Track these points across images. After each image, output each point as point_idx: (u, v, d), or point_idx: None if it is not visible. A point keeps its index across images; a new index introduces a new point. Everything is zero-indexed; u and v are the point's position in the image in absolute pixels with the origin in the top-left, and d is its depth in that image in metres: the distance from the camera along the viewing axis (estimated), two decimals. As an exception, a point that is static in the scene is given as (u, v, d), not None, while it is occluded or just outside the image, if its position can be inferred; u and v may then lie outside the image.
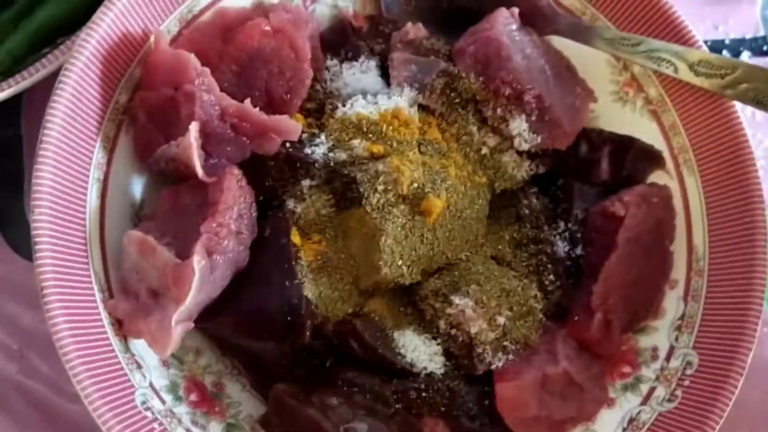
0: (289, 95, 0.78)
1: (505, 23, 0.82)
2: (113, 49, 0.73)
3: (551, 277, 0.80)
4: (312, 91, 0.81)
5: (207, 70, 0.72)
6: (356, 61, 0.83)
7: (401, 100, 0.78)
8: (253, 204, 0.74)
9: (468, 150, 0.80)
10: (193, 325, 0.70)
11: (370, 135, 0.77)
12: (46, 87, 0.73)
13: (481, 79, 0.79)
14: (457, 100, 0.80)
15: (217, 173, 0.72)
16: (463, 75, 0.80)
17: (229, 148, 0.74)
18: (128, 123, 0.76)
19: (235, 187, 0.71)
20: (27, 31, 0.84)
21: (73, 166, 0.71)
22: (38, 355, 0.83)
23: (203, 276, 0.67)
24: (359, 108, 0.78)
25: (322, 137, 0.77)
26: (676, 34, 0.82)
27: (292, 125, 0.74)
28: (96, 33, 0.71)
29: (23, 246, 0.86)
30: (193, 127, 0.70)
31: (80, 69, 0.71)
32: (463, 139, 0.80)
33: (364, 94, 0.80)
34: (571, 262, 0.81)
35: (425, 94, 0.78)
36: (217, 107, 0.72)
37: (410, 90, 0.78)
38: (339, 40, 0.85)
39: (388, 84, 0.81)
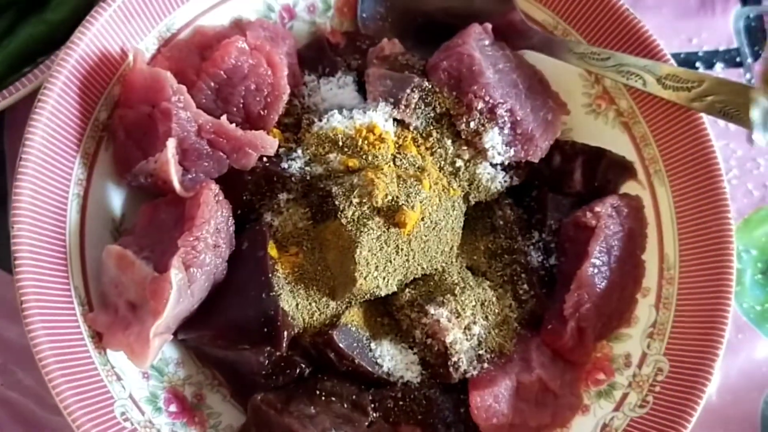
0: (266, 111, 0.80)
1: (477, 38, 0.84)
2: (92, 68, 0.75)
3: (525, 286, 0.81)
4: (290, 106, 0.83)
5: (183, 87, 0.73)
6: (333, 76, 0.85)
7: (376, 115, 0.79)
8: (231, 218, 0.75)
9: (443, 163, 0.82)
10: (171, 336, 0.71)
11: (346, 149, 0.78)
12: (28, 105, 0.74)
13: (454, 93, 0.81)
14: (431, 114, 0.82)
15: (195, 188, 0.74)
16: (437, 89, 0.81)
17: (206, 163, 0.75)
18: (108, 140, 0.77)
19: (212, 202, 0.72)
20: (8, 51, 0.85)
21: (52, 182, 0.72)
22: (21, 368, 0.84)
23: (180, 289, 0.69)
24: (335, 123, 0.79)
25: (299, 152, 0.79)
26: (645, 47, 0.84)
27: (269, 140, 0.76)
28: (75, 52, 0.73)
29: (6, 260, 0.87)
30: (170, 144, 0.71)
31: (59, 87, 0.72)
32: (438, 152, 0.82)
33: (341, 108, 0.82)
34: (544, 272, 0.82)
35: (400, 108, 0.80)
36: (194, 123, 0.74)
37: (385, 104, 0.80)
38: (317, 56, 0.87)
39: (366, 99, 0.83)
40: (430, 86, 0.82)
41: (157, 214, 0.75)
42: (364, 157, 0.78)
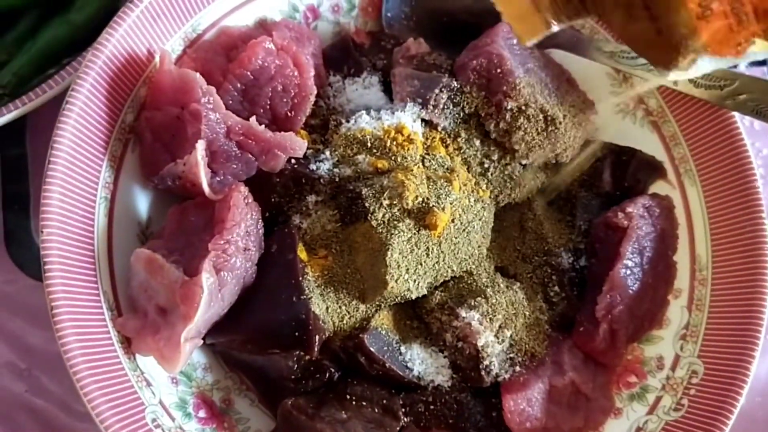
0: (293, 112, 0.79)
1: (505, 37, 0.83)
2: (119, 69, 0.74)
3: (556, 288, 0.80)
4: (316, 107, 0.82)
5: (213, 88, 0.73)
6: (359, 77, 0.84)
7: (404, 116, 0.78)
8: (260, 220, 0.74)
9: (472, 163, 0.81)
10: (201, 341, 0.70)
11: (375, 150, 0.78)
12: (51, 108, 0.74)
13: (483, 93, 0.80)
14: (460, 115, 0.81)
15: (224, 190, 0.73)
16: (466, 89, 0.80)
17: (235, 166, 0.74)
18: (134, 142, 0.76)
19: (241, 204, 0.71)
20: (31, 52, 0.84)
21: (80, 185, 0.71)
22: (46, 374, 0.83)
23: (211, 293, 0.68)
24: (363, 124, 0.78)
25: (327, 153, 0.78)
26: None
27: (297, 142, 0.75)
28: (102, 53, 0.72)
29: (30, 265, 0.86)
30: (200, 146, 0.70)
31: (87, 90, 0.71)
32: (467, 152, 0.81)
33: (368, 109, 0.81)
34: (575, 273, 0.81)
35: (428, 109, 0.79)
36: (223, 125, 0.73)
37: (413, 105, 0.79)
38: (342, 57, 0.86)
39: (391, 99, 0.82)
40: (458, 86, 0.81)
41: (185, 217, 0.74)
42: (392, 158, 0.77)
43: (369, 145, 0.77)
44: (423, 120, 0.80)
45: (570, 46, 0.86)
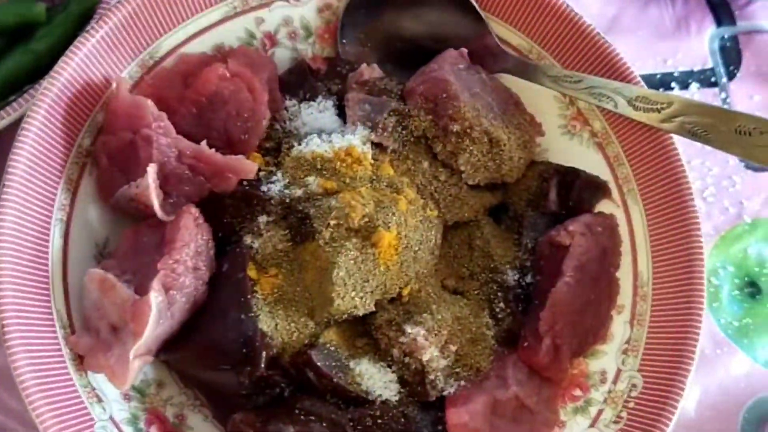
0: (246, 135, 0.82)
1: (453, 63, 0.86)
2: (76, 95, 0.77)
3: (502, 304, 0.83)
4: (271, 130, 0.85)
5: (164, 114, 0.76)
6: (314, 101, 0.87)
7: (354, 138, 0.81)
8: (211, 240, 0.77)
9: (420, 184, 0.84)
10: (152, 358, 0.72)
11: (324, 172, 0.80)
12: (12, 133, 0.76)
13: (430, 117, 0.83)
14: (409, 138, 0.84)
15: (176, 211, 0.76)
16: (414, 113, 0.83)
17: (187, 187, 0.77)
18: (91, 165, 0.79)
19: (191, 225, 0.74)
20: (-6, 81, 0.87)
21: (36, 207, 0.74)
22: (7, 391, 0.85)
23: (160, 311, 0.70)
24: (314, 146, 0.81)
25: (279, 175, 0.81)
26: (617, 70, 0.86)
27: (248, 164, 0.78)
28: (58, 81, 0.75)
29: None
30: (151, 169, 0.73)
31: (43, 115, 0.74)
32: (415, 174, 0.84)
33: (321, 132, 0.84)
34: (521, 290, 0.84)
35: (378, 131, 0.82)
36: (174, 149, 0.76)
37: (363, 128, 0.82)
38: (297, 82, 0.89)
39: (345, 122, 0.85)
40: (407, 110, 0.84)
41: (138, 238, 0.77)
42: (341, 179, 0.80)
43: (319, 166, 0.80)
44: (373, 143, 0.83)
45: (518, 71, 0.89)
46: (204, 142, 0.77)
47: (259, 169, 0.80)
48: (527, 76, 0.89)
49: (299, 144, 0.83)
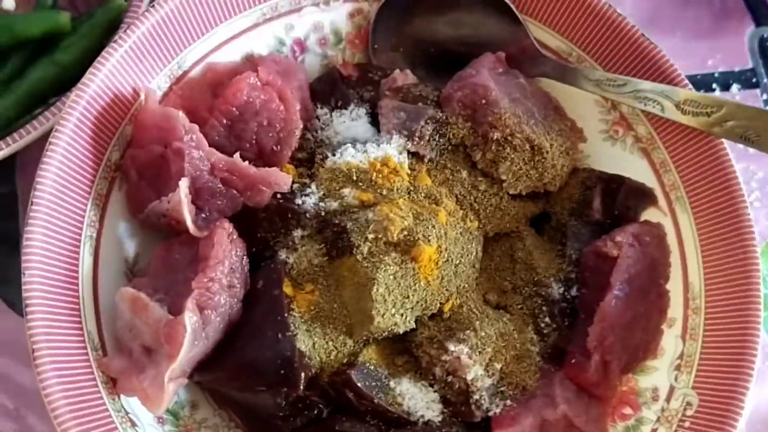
0: (279, 146, 0.79)
1: (491, 68, 0.83)
2: (104, 108, 0.74)
3: (547, 319, 0.79)
4: (303, 140, 0.82)
5: (195, 126, 0.73)
6: (346, 109, 0.84)
7: (390, 148, 0.78)
8: (245, 257, 0.74)
9: (459, 194, 0.81)
10: (186, 381, 0.70)
11: (360, 183, 0.77)
12: (40, 147, 0.74)
13: (469, 124, 0.80)
14: (446, 146, 0.81)
15: (209, 227, 0.73)
16: (452, 120, 0.80)
17: (220, 202, 0.74)
18: (120, 180, 0.77)
19: (225, 242, 0.71)
20: (19, 93, 0.85)
21: (64, 224, 0.71)
22: (35, 414, 0.83)
23: (195, 332, 0.67)
24: (349, 157, 0.78)
25: (313, 187, 0.78)
26: (662, 72, 0.83)
27: (282, 177, 0.75)
28: (86, 93, 0.73)
29: (20, 303, 0.86)
30: (183, 184, 0.70)
31: (71, 129, 0.72)
32: (454, 183, 0.81)
33: (354, 142, 0.81)
34: (566, 304, 0.80)
35: (414, 140, 0.79)
36: (206, 162, 0.73)
37: (399, 137, 0.79)
38: (329, 90, 0.86)
39: (379, 131, 0.82)
40: (444, 117, 0.81)
41: (170, 255, 0.74)
42: (378, 190, 0.77)
43: (354, 178, 0.77)
44: (409, 152, 0.80)
45: (557, 75, 0.86)
46: (237, 155, 0.74)
47: (293, 182, 0.77)
48: (567, 80, 0.85)
49: (333, 154, 0.80)
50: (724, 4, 1.09)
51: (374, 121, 0.84)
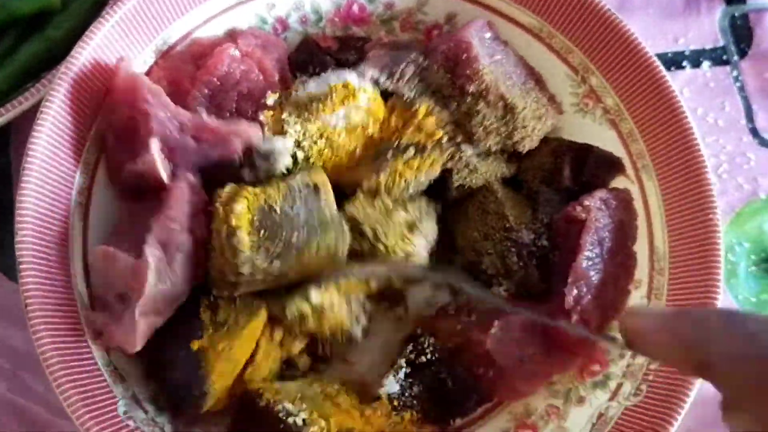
0: (258, 113, 0.82)
1: (478, 29, 0.86)
2: (91, 80, 0.78)
3: (515, 258, 0.82)
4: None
5: (160, 89, 0.76)
6: (324, 73, 0.86)
7: (350, 74, 0.81)
8: (207, 210, 0.75)
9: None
10: (162, 320, 0.71)
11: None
12: (31, 118, 0.77)
13: (449, 75, 0.84)
14: (425, 91, 0.84)
15: None
16: (433, 69, 0.84)
17: (194, 158, 0.77)
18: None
19: (184, 187, 0.73)
20: (11, 69, 0.88)
21: (55, 191, 0.75)
22: (30, 374, 0.86)
23: (160, 266, 0.69)
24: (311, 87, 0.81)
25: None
26: (631, 51, 0.85)
27: (251, 128, 0.77)
28: (74, 66, 0.76)
29: (13, 270, 0.89)
30: (154, 143, 0.73)
31: (60, 100, 0.75)
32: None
33: None
34: (536, 249, 0.83)
35: (394, 79, 0.82)
36: (175, 122, 0.76)
37: (379, 74, 0.82)
38: (306, 59, 0.89)
39: None
40: (426, 63, 0.84)
41: (134, 211, 0.76)
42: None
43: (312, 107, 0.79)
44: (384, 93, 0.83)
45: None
46: (204, 111, 0.77)
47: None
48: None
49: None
50: (695, -16, 1.12)
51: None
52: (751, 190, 1.02)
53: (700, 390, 0.75)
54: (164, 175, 0.74)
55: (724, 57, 1.09)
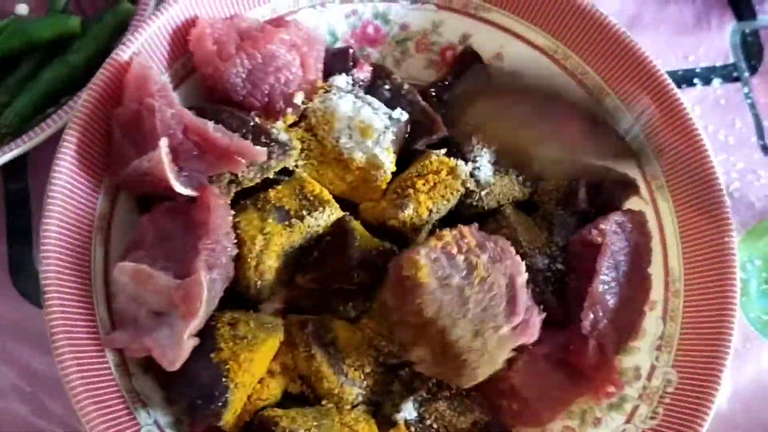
0: (286, 108, 0.82)
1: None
2: (113, 105, 0.78)
3: (531, 285, 0.80)
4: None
5: (168, 85, 0.76)
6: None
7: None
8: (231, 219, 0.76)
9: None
10: (198, 340, 0.71)
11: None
12: (51, 144, 0.78)
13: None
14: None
15: (192, 186, 0.75)
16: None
17: (197, 164, 0.76)
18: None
19: (219, 205, 0.74)
20: (32, 93, 0.89)
21: (77, 217, 0.76)
22: (50, 396, 0.87)
23: (209, 290, 0.70)
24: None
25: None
26: (643, 68, 0.86)
27: (256, 150, 0.76)
28: (94, 93, 0.77)
29: (33, 294, 0.90)
30: (163, 143, 0.72)
31: (81, 127, 0.76)
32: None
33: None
34: (551, 274, 0.83)
35: None
36: (180, 123, 0.74)
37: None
38: (338, 68, 0.88)
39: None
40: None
41: (160, 226, 0.76)
42: None
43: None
44: None
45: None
46: (210, 124, 0.75)
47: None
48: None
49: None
50: (705, 1, 1.12)
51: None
52: (762, 207, 1.03)
53: (726, 412, 0.76)
54: (171, 177, 0.73)
55: (735, 74, 1.09)
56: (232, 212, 0.77)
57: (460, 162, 0.83)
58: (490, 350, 0.73)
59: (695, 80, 1.08)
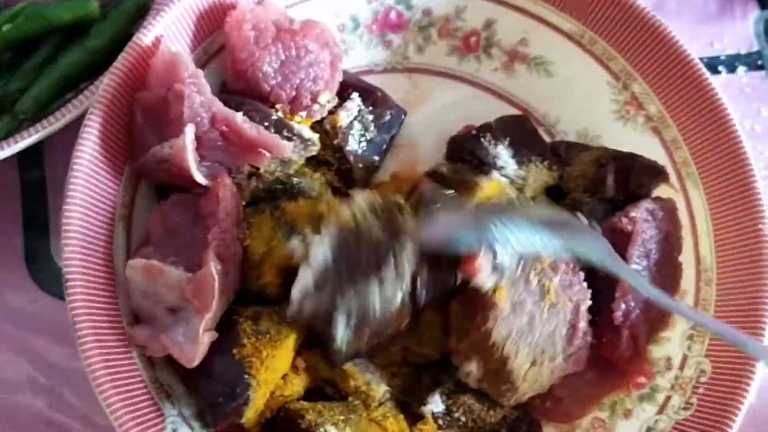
0: (310, 102, 0.81)
1: None
2: (135, 91, 0.76)
3: None
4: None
5: (200, 72, 0.74)
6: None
7: None
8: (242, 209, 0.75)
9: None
10: (216, 334, 0.70)
11: None
12: (69, 130, 0.76)
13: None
14: None
15: (210, 177, 0.73)
16: None
17: (220, 154, 0.75)
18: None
19: (229, 196, 0.72)
20: (50, 78, 0.87)
21: (99, 206, 0.74)
22: (68, 389, 0.85)
23: (220, 281, 0.68)
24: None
25: None
26: (672, 53, 0.85)
27: (282, 144, 0.75)
28: (116, 77, 0.75)
29: (50, 284, 0.89)
30: (189, 129, 0.71)
31: (103, 111, 0.74)
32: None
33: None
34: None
35: None
36: (208, 111, 0.73)
37: None
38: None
39: None
40: None
41: (169, 219, 0.74)
42: None
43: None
44: None
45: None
46: (239, 114, 0.74)
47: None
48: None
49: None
50: (729, -12, 1.11)
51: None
52: (789, 196, 1.01)
53: (756, 406, 0.74)
54: (193, 166, 0.71)
55: (760, 62, 1.08)
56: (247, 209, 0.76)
57: (500, 177, 0.82)
58: (541, 380, 0.74)
59: (720, 68, 1.07)
